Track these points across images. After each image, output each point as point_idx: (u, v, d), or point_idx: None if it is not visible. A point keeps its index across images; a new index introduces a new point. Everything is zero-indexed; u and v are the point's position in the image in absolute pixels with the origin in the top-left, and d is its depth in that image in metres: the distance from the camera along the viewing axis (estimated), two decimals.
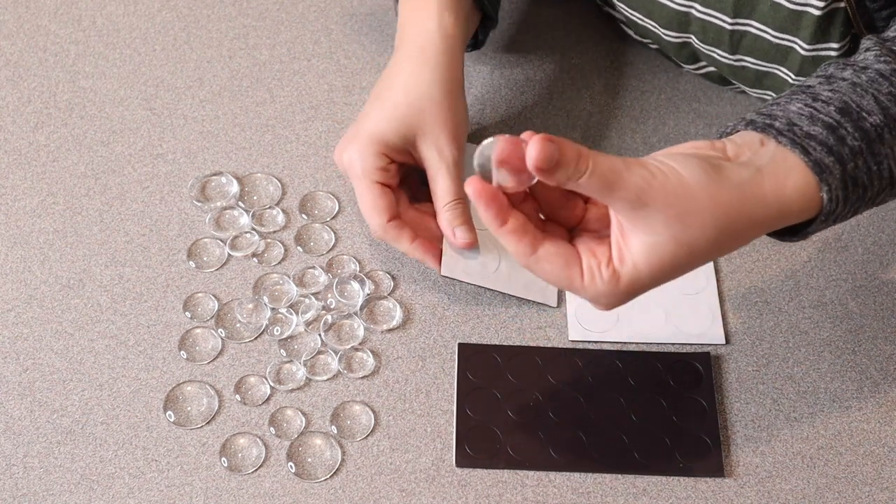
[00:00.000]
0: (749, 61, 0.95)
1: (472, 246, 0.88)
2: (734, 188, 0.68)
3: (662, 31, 0.98)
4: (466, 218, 0.89)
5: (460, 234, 0.88)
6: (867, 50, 0.76)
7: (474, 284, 0.91)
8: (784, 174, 0.70)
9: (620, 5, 1.00)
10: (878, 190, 0.73)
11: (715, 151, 0.71)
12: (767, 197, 0.69)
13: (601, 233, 0.72)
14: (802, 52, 0.91)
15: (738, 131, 0.73)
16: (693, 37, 0.97)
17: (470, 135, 1.03)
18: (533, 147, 0.65)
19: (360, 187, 0.88)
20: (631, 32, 1.07)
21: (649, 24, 0.99)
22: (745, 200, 0.69)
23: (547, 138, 0.65)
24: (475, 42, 1.00)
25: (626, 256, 0.69)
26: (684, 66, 1.05)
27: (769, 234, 0.75)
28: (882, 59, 0.74)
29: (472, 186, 0.69)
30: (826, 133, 0.71)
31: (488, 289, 0.92)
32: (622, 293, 0.70)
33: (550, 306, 0.92)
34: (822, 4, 0.86)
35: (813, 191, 0.70)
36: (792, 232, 0.74)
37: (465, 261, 0.92)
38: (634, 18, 1.00)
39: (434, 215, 0.90)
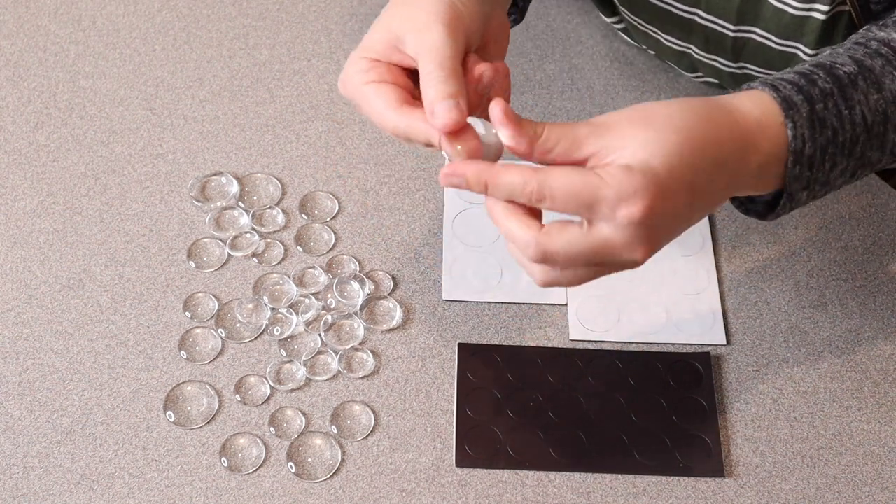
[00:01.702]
0: (751, 69, 0.95)
1: (458, 121, 0.69)
2: (682, 100, 0.69)
3: (664, 36, 0.98)
4: (454, 92, 0.69)
5: (441, 111, 0.69)
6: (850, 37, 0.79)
7: (480, 302, 0.92)
8: (748, 97, 0.71)
9: (622, 9, 1.00)
10: (853, 137, 0.73)
11: None
12: (727, 105, 0.70)
13: None
14: (806, 58, 0.91)
15: None
16: (693, 47, 0.97)
17: None
18: (496, 105, 0.66)
19: (356, 100, 0.74)
20: (629, 39, 1.07)
21: (650, 29, 0.99)
22: (694, 100, 0.69)
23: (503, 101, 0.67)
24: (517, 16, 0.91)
25: (628, 157, 0.66)
26: (684, 72, 1.04)
27: (756, 206, 0.75)
28: (861, 34, 0.77)
29: (449, 169, 0.68)
30: (797, 77, 0.73)
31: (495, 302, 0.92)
32: (643, 187, 0.65)
33: (560, 304, 0.92)
34: (826, 8, 0.86)
35: (779, 125, 0.70)
36: (774, 201, 0.74)
37: (467, 280, 0.92)
38: (635, 23, 1.00)
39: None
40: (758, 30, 0.91)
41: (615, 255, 0.68)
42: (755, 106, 0.71)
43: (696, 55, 0.98)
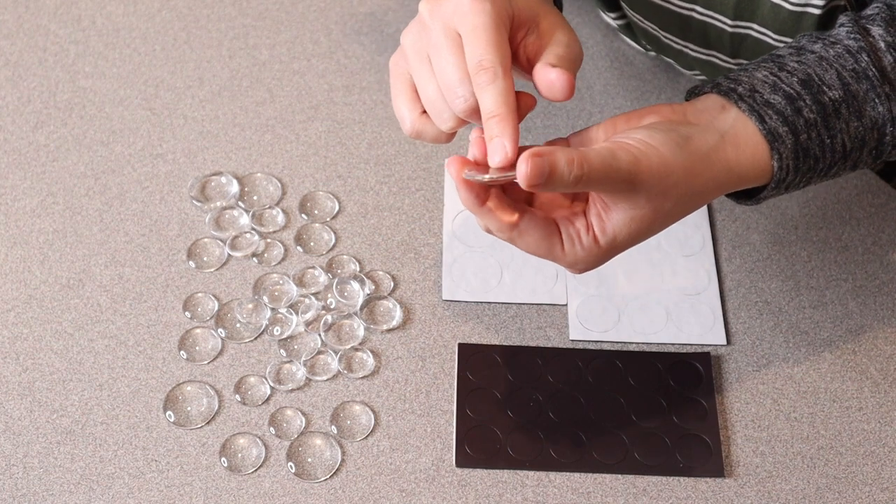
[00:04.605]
0: None
1: (513, 156, 0.68)
2: (704, 157, 0.72)
3: (662, 33, 0.98)
4: (505, 124, 0.68)
5: (495, 149, 0.68)
6: (841, 25, 0.78)
7: (480, 302, 0.92)
8: (744, 141, 0.73)
9: (623, 4, 1.00)
10: (831, 162, 0.75)
11: (676, 116, 0.74)
12: (730, 163, 0.73)
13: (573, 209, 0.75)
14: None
15: (704, 93, 0.76)
16: (691, 44, 0.97)
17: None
18: (522, 164, 0.66)
19: (482, 18, 0.69)
20: (629, 41, 1.07)
21: (649, 25, 0.99)
22: (712, 166, 0.72)
23: (535, 153, 0.66)
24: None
25: (608, 227, 0.72)
26: (683, 70, 1.04)
27: (728, 197, 0.79)
28: (852, 35, 0.76)
29: (453, 166, 0.70)
30: (784, 103, 0.74)
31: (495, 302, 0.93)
32: (599, 258, 0.73)
33: (560, 304, 0.92)
34: (821, 3, 0.86)
35: (765, 158, 0.73)
36: (747, 196, 0.78)
37: (467, 280, 0.92)
38: (635, 19, 1.00)
39: None
40: (756, 25, 0.91)
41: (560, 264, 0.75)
42: (748, 150, 0.73)
43: (692, 53, 0.98)
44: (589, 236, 0.72)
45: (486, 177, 0.68)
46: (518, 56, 0.73)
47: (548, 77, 0.70)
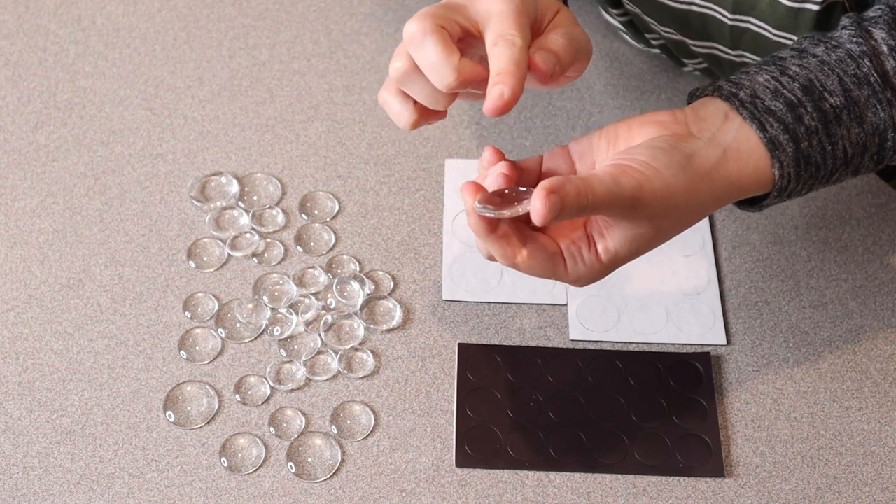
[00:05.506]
0: (750, 57, 0.95)
1: (508, 104, 0.69)
2: (706, 175, 0.73)
3: (661, 28, 0.98)
4: (517, 70, 0.69)
5: (495, 94, 0.68)
6: (844, 28, 0.78)
7: (480, 302, 0.92)
8: (746, 154, 0.74)
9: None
10: (832, 169, 0.76)
11: (678, 126, 0.74)
12: (731, 177, 0.74)
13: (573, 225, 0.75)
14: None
15: (706, 95, 0.76)
16: (688, 40, 0.97)
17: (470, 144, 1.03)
18: (537, 202, 0.67)
19: (423, 37, 0.72)
20: (629, 38, 1.07)
21: (649, 20, 0.99)
22: (714, 183, 0.73)
23: (549, 190, 0.67)
24: None
25: (610, 244, 0.73)
26: (685, 60, 1.04)
27: (731, 204, 0.79)
28: (854, 39, 0.76)
29: (467, 193, 0.71)
30: (785, 110, 0.74)
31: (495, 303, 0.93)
32: (601, 273, 0.74)
33: (560, 304, 0.92)
34: None
35: (767, 167, 0.74)
36: (750, 203, 0.78)
37: (467, 280, 0.92)
38: (636, 10, 1.00)
39: None
40: (754, 20, 0.91)
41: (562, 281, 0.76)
42: (750, 162, 0.74)
43: (693, 47, 0.98)
44: (591, 254, 0.73)
45: (506, 212, 0.70)
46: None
47: (538, 64, 0.72)
